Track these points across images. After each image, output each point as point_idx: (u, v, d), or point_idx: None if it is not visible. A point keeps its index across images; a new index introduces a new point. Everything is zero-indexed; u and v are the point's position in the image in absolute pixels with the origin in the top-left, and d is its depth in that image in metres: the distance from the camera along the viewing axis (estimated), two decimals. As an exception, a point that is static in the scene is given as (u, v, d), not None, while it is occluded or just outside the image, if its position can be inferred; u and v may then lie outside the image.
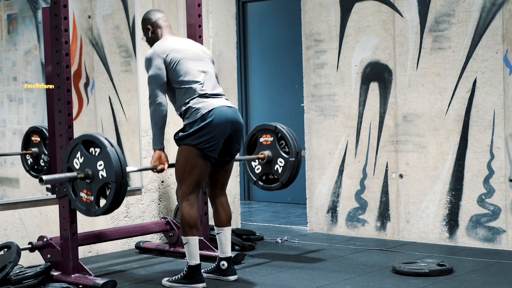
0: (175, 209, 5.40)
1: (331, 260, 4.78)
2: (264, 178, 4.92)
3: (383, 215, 5.49)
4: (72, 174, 3.90)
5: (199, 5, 4.78)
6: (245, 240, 5.30)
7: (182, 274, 4.12)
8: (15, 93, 5.02)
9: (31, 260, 4.57)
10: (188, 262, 4.09)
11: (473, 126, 5.04)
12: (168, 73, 4.09)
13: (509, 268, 4.41)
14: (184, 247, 4.13)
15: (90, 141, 3.91)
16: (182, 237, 4.10)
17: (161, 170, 4.14)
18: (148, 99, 4.10)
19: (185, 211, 4.07)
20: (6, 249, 4.12)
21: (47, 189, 4.85)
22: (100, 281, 4.00)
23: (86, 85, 5.24)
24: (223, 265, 4.26)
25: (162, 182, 5.48)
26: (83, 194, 3.92)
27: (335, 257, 4.87)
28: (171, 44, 4.16)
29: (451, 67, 5.11)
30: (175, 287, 4.10)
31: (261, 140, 4.87)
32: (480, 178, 5.02)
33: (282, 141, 4.82)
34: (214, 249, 4.74)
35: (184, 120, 4.09)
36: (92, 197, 3.87)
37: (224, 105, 4.09)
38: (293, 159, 4.74)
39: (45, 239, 4.32)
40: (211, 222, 5.22)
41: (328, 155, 5.75)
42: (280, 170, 4.81)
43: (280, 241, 5.47)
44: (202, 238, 4.74)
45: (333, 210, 5.74)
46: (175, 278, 4.13)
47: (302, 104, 6.02)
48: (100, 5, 5.30)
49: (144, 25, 4.32)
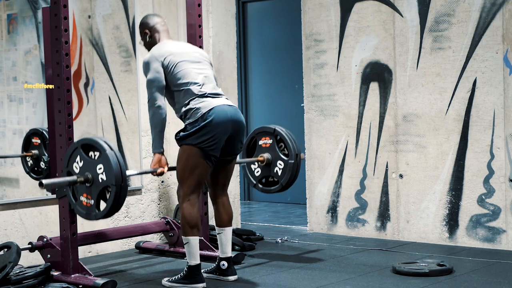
0: (175, 209, 5.40)
1: (331, 260, 4.77)
2: (264, 181, 4.91)
3: (383, 215, 5.49)
4: (71, 178, 3.89)
5: (199, 5, 4.78)
6: (245, 240, 5.30)
7: (182, 274, 4.12)
8: (15, 93, 5.01)
9: (31, 260, 4.57)
10: (188, 262, 4.09)
11: (473, 126, 5.04)
12: (166, 77, 4.10)
13: (509, 268, 4.41)
14: (184, 247, 4.13)
15: (89, 145, 3.90)
16: (182, 237, 4.10)
17: (161, 174, 4.15)
18: (147, 102, 4.11)
19: (186, 211, 4.07)
20: (6, 249, 4.12)
21: (47, 189, 4.85)
22: (100, 281, 4.00)
23: (86, 85, 5.24)
24: (223, 265, 4.26)
25: (162, 182, 5.48)
26: (83, 198, 3.91)
27: (335, 257, 4.87)
28: (168, 48, 4.17)
29: (451, 67, 5.11)
30: (175, 287, 4.10)
31: (260, 143, 4.87)
32: (480, 178, 5.02)
33: (281, 144, 4.81)
34: (214, 249, 4.74)
35: (185, 121, 4.09)
36: (92, 201, 3.86)
37: (224, 104, 4.09)
38: (293, 161, 4.74)
39: (45, 239, 4.32)
40: (211, 222, 5.22)
41: (328, 155, 5.75)
42: (279, 173, 4.80)
43: (280, 241, 5.47)
44: (202, 238, 4.74)
45: (333, 210, 5.74)
46: (175, 278, 4.13)
47: (302, 104, 6.02)
48: (100, 5, 5.30)
49: (142, 29, 4.33)
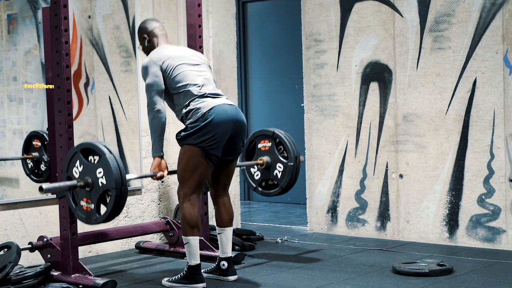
0: (175, 209, 5.40)
1: (331, 260, 4.77)
2: (263, 184, 4.91)
3: (383, 215, 5.49)
4: (71, 182, 3.88)
5: (199, 5, 4.78)
6: (245, 240, 5.30)
7: (182, 274, 4.12)
8: (15, 93, 5.01)
9: (31, 260, 4.57)
10: (188, 262, 4.09)
11: (473, 126, 5.04)
12: (165, 80, 4.10)
13: (509, 268, 4.41)
14: (184, 247, 4.13)
15: (89, 149, 3.89)
16: (182, 237, 4.10)
17: (161, 177, 4.15)
18: (147, 106, 4.11)
19: (186, 211, 4.07)
20: (6, 249, 4.12)
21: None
22: (100, 281, 4.00)
23: (86, 85, 5.24)
24: (223, 265, 4.26)
25: (162, 182, 5.48)
26: (83, 203, 3.90)
27: (335, 257, 4.86)
28: (167, 52, 4.18)
29: (451, 67, 5.11)
30: (175, 287, 4.10)
31: (259, 146, 4.86)
32: (480, 178, 5.02)
33: (281, 146, 4.81)
34: (214, 249, 4.74)
35: (185, 122, 4.08)
36: (93, 205, 3.86)
37: (225, 103, 4.09)
38: (292, 163, 4.73)
39: (45, 239, 4.32)
40: (212, 222, 5.22)
41: (328, 155, 5.75)
42: (279, 175, 4.80)
43: (280, 241, 5.47)
44: (202, 238, 4.74)
45: (333, 210, 5.74)
46: (175, 278, 4.13)
47: (302, 104, 6.02)
48: (100, 5, 5.30)
49: (141, 34, 4.35)
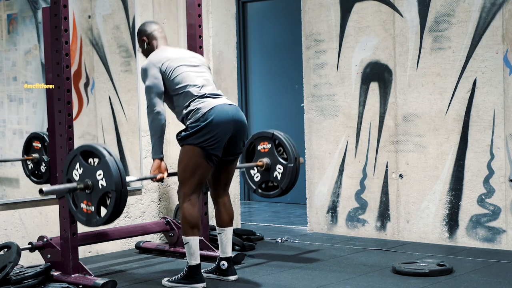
0: (175, 209, 5.40)
1: (331, 260, 4.77)
2: (263, 185, 4.90)
3: (383, 215, 5.48)
4: (71, 185, 3.88)
5: (199, 5, 4.78)
6: (245, 240, 5.30)
7: (182, 274, 4.12)
8: (15, 93, 5.01)
9: (31, 260, 4.57)
10: (188, 262, 4.09)
11: (473, 126, 5.04)
12: (165, 82, 4.11)
13: (509, 268, 4.41)
14: (184, 247, 4.13)
15: (89, 152, 3.89)
16: (182, 237, 4.10)
17: (161, 179, 4.15)
18: (146, 109, 4.11)
19: (186, 211, 4.07)
20: (6, 249, 4.12)
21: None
22: (100, 281, 4.00)
23: (86, 85, 5.24)
24: (223, 265, 4.26)
25: (162, 183, 5.47)
26: (83, 205, 3.89)
27: (335, 257, 4.86)
28: (166, 54, 4.18)
29: (451, 67, 5.11)
30: (175, 287, 4.10)
31: (259, 148, 4.86)
32: (480, 178, 5.02)
33: (280, 148, 4.80)
34: (214, 249, 4.74)
35: (186, 122, 4.08)
36: (93, 208, 3.85)
37: (225, 103, 4.09)
38: (292, 165, 4.73)
39: (45, 239, 4.32)
40: (212, 222, 5.22)
41: (328, 155, 5.75)
42: (279, 177, 4.79)
43: (280, 241, 5.47)
44: (202, 238, 4.74)
45: (333, 210, 5.74)
46: (175, 278, 4.13)
47: (302, 104, 6.02)
48: (100, 5, 5.30)
49: (140, 36, 4.35)
